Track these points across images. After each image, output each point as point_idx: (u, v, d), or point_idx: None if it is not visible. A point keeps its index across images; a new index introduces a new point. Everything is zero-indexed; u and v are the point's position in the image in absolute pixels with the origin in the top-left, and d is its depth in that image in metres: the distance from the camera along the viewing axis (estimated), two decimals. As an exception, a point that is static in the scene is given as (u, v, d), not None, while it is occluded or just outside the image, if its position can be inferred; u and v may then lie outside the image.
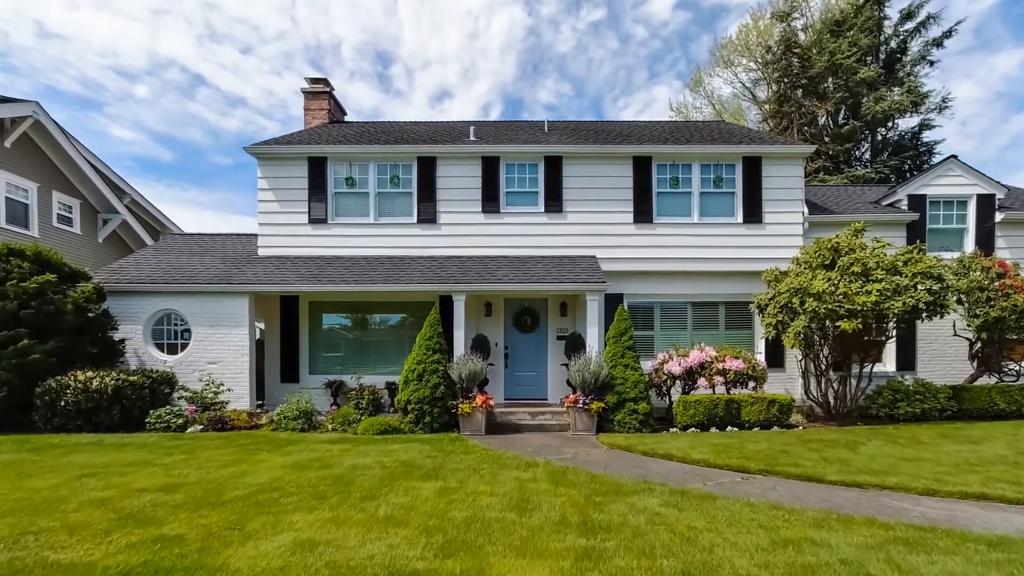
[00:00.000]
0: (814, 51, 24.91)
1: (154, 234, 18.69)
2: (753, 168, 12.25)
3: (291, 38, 48.34)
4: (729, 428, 10.32)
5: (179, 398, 10.53)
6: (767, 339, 11.80)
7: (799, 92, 25.45)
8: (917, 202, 12.65)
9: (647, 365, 11.18)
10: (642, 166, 12.27)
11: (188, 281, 10.96)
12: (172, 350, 11.18)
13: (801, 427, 10.48)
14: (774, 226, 12.30)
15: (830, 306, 10.07)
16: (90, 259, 15.28)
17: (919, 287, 10.05)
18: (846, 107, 25.39)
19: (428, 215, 12.27)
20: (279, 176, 12.21)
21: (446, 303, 11.40)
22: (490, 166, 12.25)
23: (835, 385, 11.43)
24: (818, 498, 5.59)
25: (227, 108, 55.34)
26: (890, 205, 13.14)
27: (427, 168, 12.24)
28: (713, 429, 10.30)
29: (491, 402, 10.26)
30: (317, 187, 12.19)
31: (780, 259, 11.99)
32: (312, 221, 12.22)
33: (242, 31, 48.13)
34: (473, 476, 6.19)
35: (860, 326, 10.05)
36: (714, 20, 43.25)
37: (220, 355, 10.96)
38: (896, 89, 24.86)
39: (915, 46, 26.08)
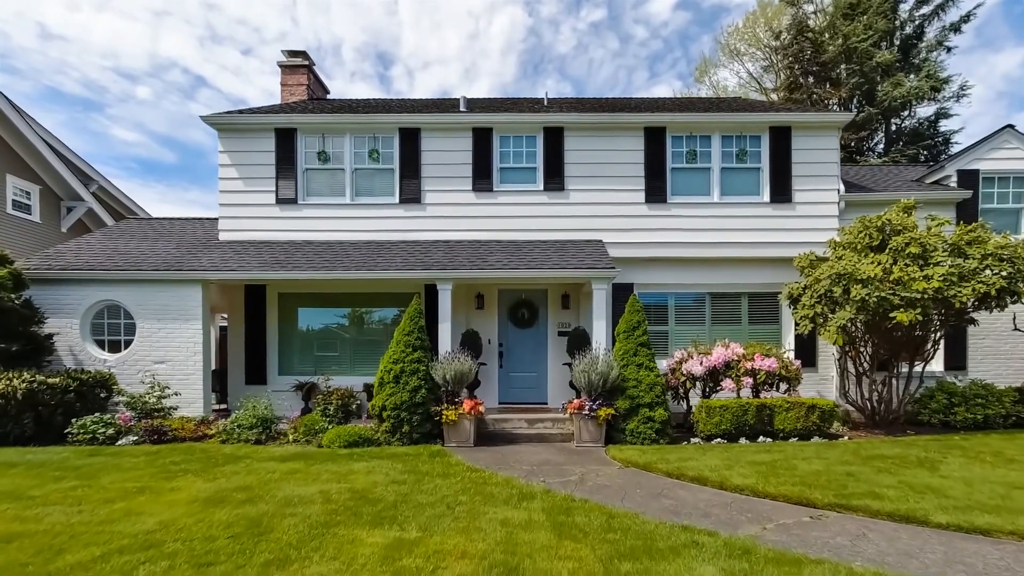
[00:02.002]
0: (826, 36, 23.07)
1: (127, 225, 16.94)
2: (781, 140, 10.42)
3: (292, 39, 46.76)
4: (761, 439, 8.49)
5: (118, 404, 8.73)
6: (801, 335, 9.95)
7: (811, 79, 23.60)
8: (968, 178, 10.80)
9: (661, 365, 9.36)
10: (655, 138, 10.45)
11: (131, 268, 9.17)
12: (117, 348, 9.39)
13: (846, 437, 8.63)
14: (806, 206, 10.46)
15: (882, 294, 8.23)
16: (47, 249, 13.51)
17: (988, 271, 8.21)
18: (860, 93, 23.51)
19: (412, 194, 10.47)
20: (242, 150, 10.43)
21: (432, 294, 9.60)
22: (482, 139, 10.45)
23: (879, 387, 9.58)
24: (941, 557, 3.76)
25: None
26: (936, 183, 11.30)
27: (410, 141, 10.45)
28: (743, 440, 8.46)
29: (481, 408, 8.45)
30: (285, 163, 10.41)
31: (813, 243, 10.15)
32: (280, 201, 10.43)
33: (243, 32, 46.59)
34: (445, 517, 4.37)
35: (919, 317, 8.21)
36: (714, 20, 41.66)
37: (169, 353, 9.17)
38: (911, 76, 23.00)
39: (931, 32, 24.24)
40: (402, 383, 8.31)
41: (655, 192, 10.47)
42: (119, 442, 7.79)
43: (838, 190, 10.47)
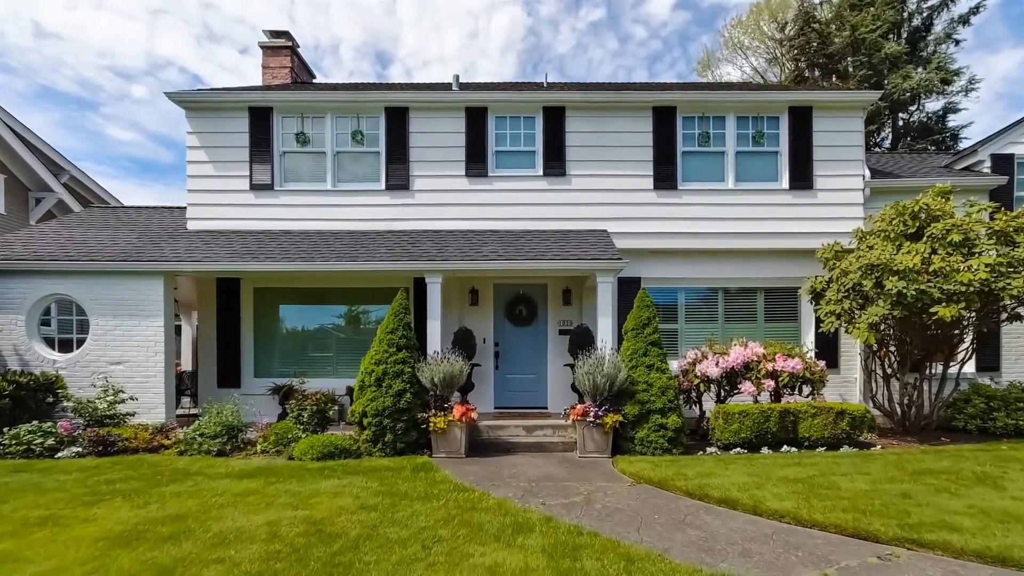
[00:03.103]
0: (833, 27, 22.17)
1: (104, 219, 15.90)
2: (802, 121, 9.47)
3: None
4: (784, 448, 7.52)
5: (66, 410, 7.72)
6: (826, 333, 8.98)
7: (817, 72, 22.70)
8: (1002, 163, 9.87)
9: (672, 366, 8.37)
10: (664, 119, 9.49)
11: (85, 258, 8.16)
12: (69, 347, 8.38)
13: (879, 446, 7.67)
14: (828, 193, 9.50)
15: (921, 287, 7.28)
16: (11, 242, 12.47)
17: (1040, 261, 7.27)
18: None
19: (399, 180, 9.48)
20: (213, 131, 9.43)
21: (421, 289, 8.61)
22: (476, 120, 9.48)
23: (911, 390, 8.62)
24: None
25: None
26: (967, 169, 10.36)
27: (398, 122, 9.47)
28: (765, 450, 7.49)
29: (473, 415, 7.46)
30: (261, 145, 9.41)
31: (835, 234, 9.19)
32: (254, 187, 9.43)
33: (240, 31, 45.58)
34: (416, 565, 3.38)
35: (962, 312, 7.26)
36: (714, 20, 40.87)
37: (127, 354, 8.16)
38: (919, 69, 22.12)
39: (939, 25, 23.38)
40: (385, 386, 7.32)
41: (664, 178, 9.50)
42: (59, 454, 6.77)
43: (863, 176, 9.52)
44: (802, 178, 9.50)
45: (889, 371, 8.83)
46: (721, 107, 9.48)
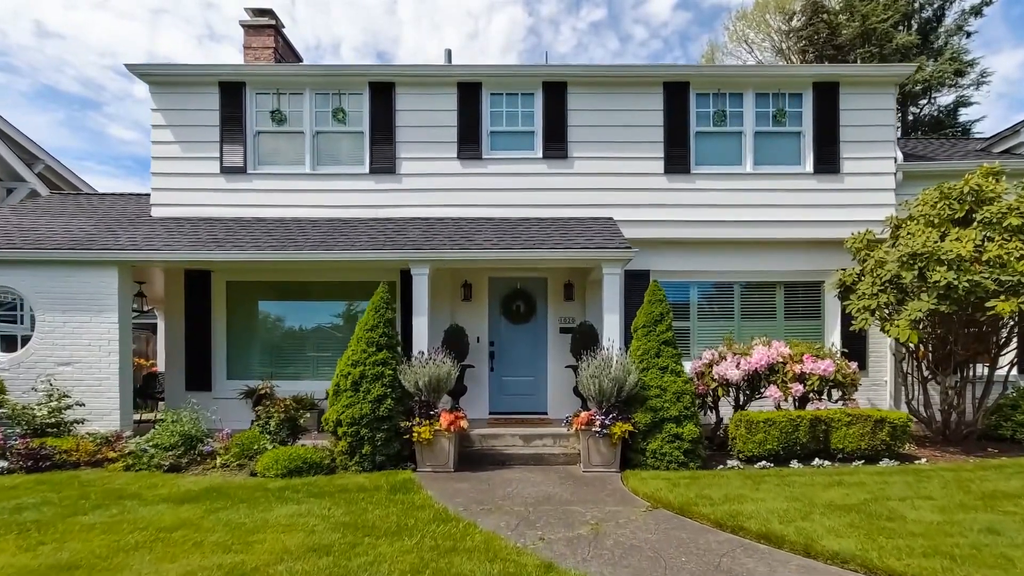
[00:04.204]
0: (843, 17, 21.13)
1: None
2: (827, 98, 8.45)
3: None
4: (816, 461, 6.51)
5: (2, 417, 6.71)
6: (854, 331, 7.94)
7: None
8: (1048, 146, 8.84)
9: (684, 368, 7.35)
10: (676, 96, 8.47)
11: (31, 247, 7.16)
12: (15, 346, 7.38)
13: (924, 459, 6.64)
14: (856, 177, 8.48)
15: (974, 277, 6.26)
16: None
17: (1110, 249, 6.25)
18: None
19: (385, 162, 8.47)
20: (180, 108, 8.43)
21: (410, 283, 7.58)
22: (469, 96, 8.46)
23: (953, 395, 7.60)
24: None
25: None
26: (1007, 151, 9.33)
27: (383, 99, 8.46)
28: (794, 463, 6.48)
29: (463, 423, 6.44)
30: (232, 124, 8.40)
31: (865, 222, 8.17)
32: (225, 171, 8.43)
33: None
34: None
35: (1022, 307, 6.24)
36: (714, 20, 39.88)
37: (77, 353, 7.16)
38: (931, 61, 21.08)
39: (950, 16, 22.35)
40: (363, 391, 6.31)
41: (676, 161, 8.49)
42: (-16, 470, 5.77)
43: (895, 158, 8.50)
44: (828, 161, 8.48)
45: (927, 373, 7.81)
46: (739, 82, 8.46)
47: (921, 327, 7.18)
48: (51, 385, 6.83)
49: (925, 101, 21.99)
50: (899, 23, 21.31)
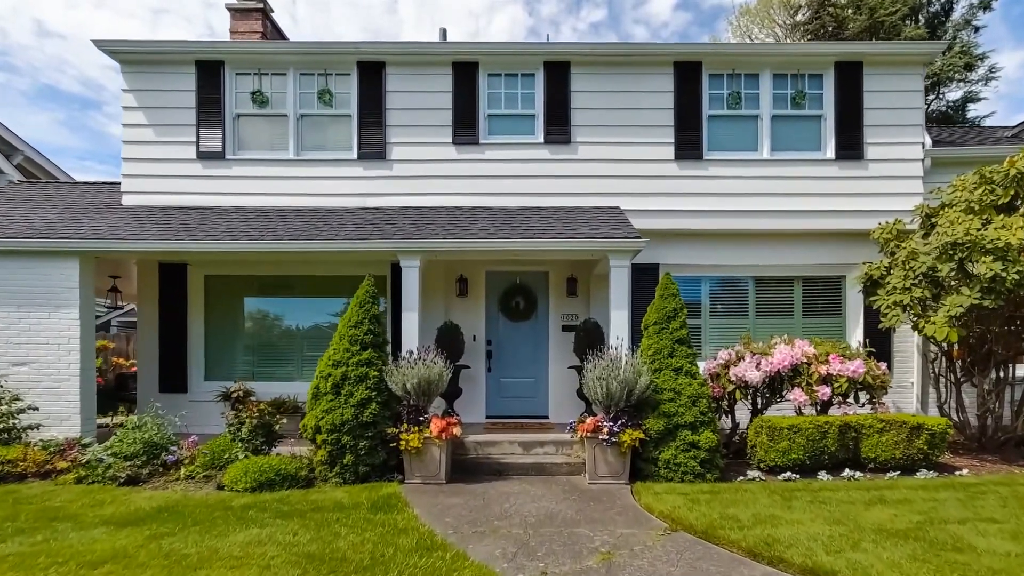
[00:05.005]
0: (850, 10, 20.47)
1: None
2: (850, 79, 7.76)
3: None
4: (847, 472, 5.81)
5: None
6: (880, 329, 7.25)
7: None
8: (1086, 130, 8.16)
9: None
10: (688, 77, 7.79)
11: (-17, 236, 6.47)
12: (-30, 344, 6.67)
13: (965, 470, 5.95)
14: (881, 164, 7.80)
15: (1024, 269, 5.57)
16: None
17: None
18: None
19: (374, 148, 7.78)
20: (154, 89, 7.75)
21: (400, 277, 6.88)
22: (465, 77, 7.78)
23: (992, 399, 6.91)
24: None
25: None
26: (1040, 137, 8.66)
27: (373, 79, 7.77)
28: (823, 474, 5.79)
29: (455, 431, 5.75)
30: (210, 106, 7.72)
31: (890, 212, 7.50)
32: (202, 156, 7.73)
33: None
34: None
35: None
36: (714, 20, 39.29)
37: (33, 352, 6.46)
38: (940, 55, 20.42)
39: (958, 11, 21.71)
40: (344, 394, 5.62)
41: (688, 146, 7.80)
42: (-86, 483, 5.07)
43: (922, 144, 7.81)
44: (850, 146, 7.79)
45: (962, 375, 7.11)
46: (755, 62, 7.77)
47: (959, 324, 6.49)
48: (2, 387, 6.12)
49: (933, 96, 21.33)
50: (907, 17, 20.67)
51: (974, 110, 21.50)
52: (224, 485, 5.24)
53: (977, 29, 21.78)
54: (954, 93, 21.57)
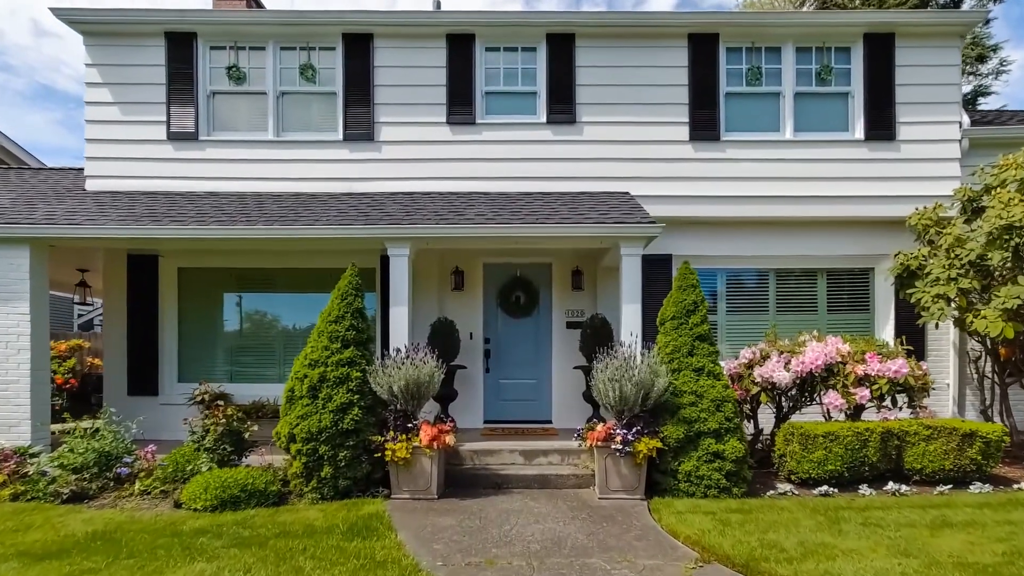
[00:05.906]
0: (856, 1, 19.77)
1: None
2: (881, 52, 7.05)
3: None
4: (891, 485, 5.10)
5: None
6: (916, 326, 6.53)
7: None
8: None
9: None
10: (703, 51, 7.07)
11: (-78, 221, 5.75)
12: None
13: (1022, 483, 5.23)
14: (915, 145, 7.08)
15: (1094, 256, 4.85)
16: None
17: None
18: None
19: (361, 128, 7.06)
20: (120, 63, 7.02)
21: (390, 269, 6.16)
22: (461, 50, 7.06)
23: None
24: None
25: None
26: (1085, 118, 7.95)
27: (360, 53, 7.05)
28: (864, 488, 5.08)
29: (448, 439, 5.03)
30: (181, 82, 6.99)
31: (925, 197, 6.79)
32: (173, 137, 7.01)
33: None
34: None
35: None
36: (729, -5, 38.33)
37: (-21, 351, 5.74)
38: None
39: (966, 5, 21.01)
40: (322, 398, 4.90)
41: (703, 126, 7.08)
42: None
43: (959, 123, 7.10)
44: (881, 126, 7.07)
45: (1009, 377, 6.39)
46: (777, 34, 7.06)
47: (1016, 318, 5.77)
48: (-62, 391, 5.40)
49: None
50: (917, 7, 19.97)
51: (984, 104, 20.82)
52: (181, 503, 4.52)
53: (988, 21, 21.11)
54: (965, 86, 20.89)
